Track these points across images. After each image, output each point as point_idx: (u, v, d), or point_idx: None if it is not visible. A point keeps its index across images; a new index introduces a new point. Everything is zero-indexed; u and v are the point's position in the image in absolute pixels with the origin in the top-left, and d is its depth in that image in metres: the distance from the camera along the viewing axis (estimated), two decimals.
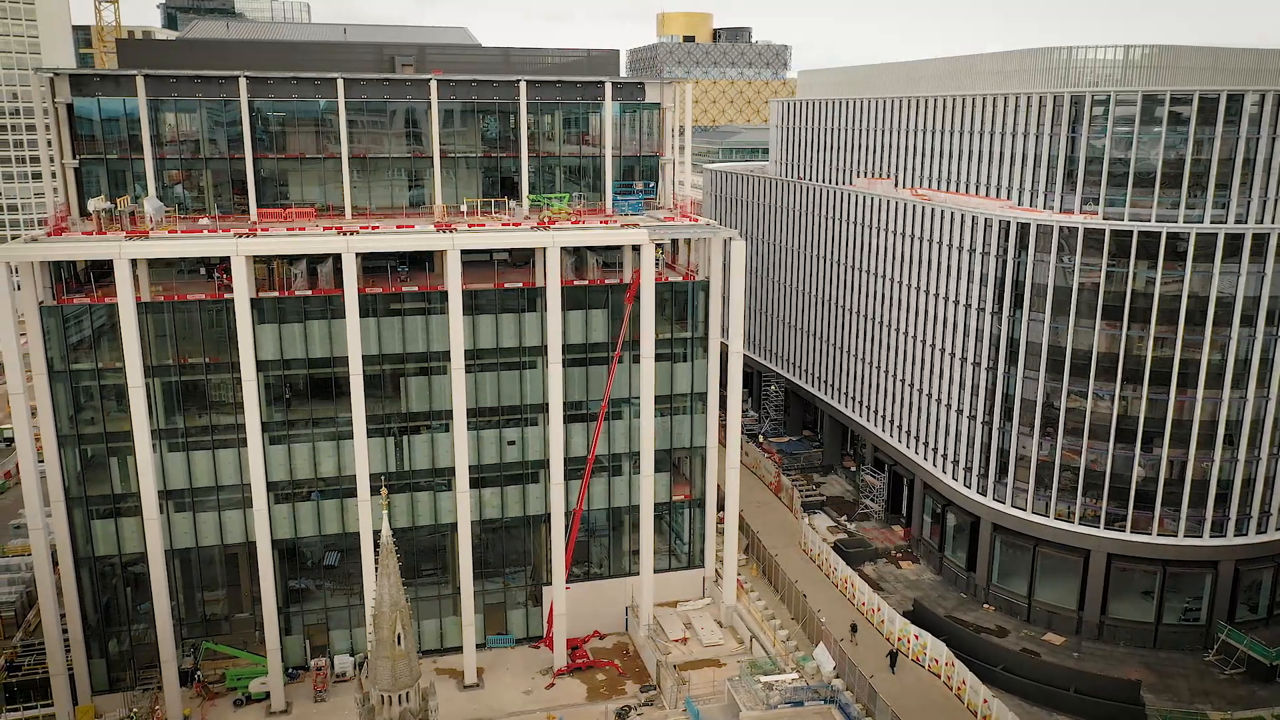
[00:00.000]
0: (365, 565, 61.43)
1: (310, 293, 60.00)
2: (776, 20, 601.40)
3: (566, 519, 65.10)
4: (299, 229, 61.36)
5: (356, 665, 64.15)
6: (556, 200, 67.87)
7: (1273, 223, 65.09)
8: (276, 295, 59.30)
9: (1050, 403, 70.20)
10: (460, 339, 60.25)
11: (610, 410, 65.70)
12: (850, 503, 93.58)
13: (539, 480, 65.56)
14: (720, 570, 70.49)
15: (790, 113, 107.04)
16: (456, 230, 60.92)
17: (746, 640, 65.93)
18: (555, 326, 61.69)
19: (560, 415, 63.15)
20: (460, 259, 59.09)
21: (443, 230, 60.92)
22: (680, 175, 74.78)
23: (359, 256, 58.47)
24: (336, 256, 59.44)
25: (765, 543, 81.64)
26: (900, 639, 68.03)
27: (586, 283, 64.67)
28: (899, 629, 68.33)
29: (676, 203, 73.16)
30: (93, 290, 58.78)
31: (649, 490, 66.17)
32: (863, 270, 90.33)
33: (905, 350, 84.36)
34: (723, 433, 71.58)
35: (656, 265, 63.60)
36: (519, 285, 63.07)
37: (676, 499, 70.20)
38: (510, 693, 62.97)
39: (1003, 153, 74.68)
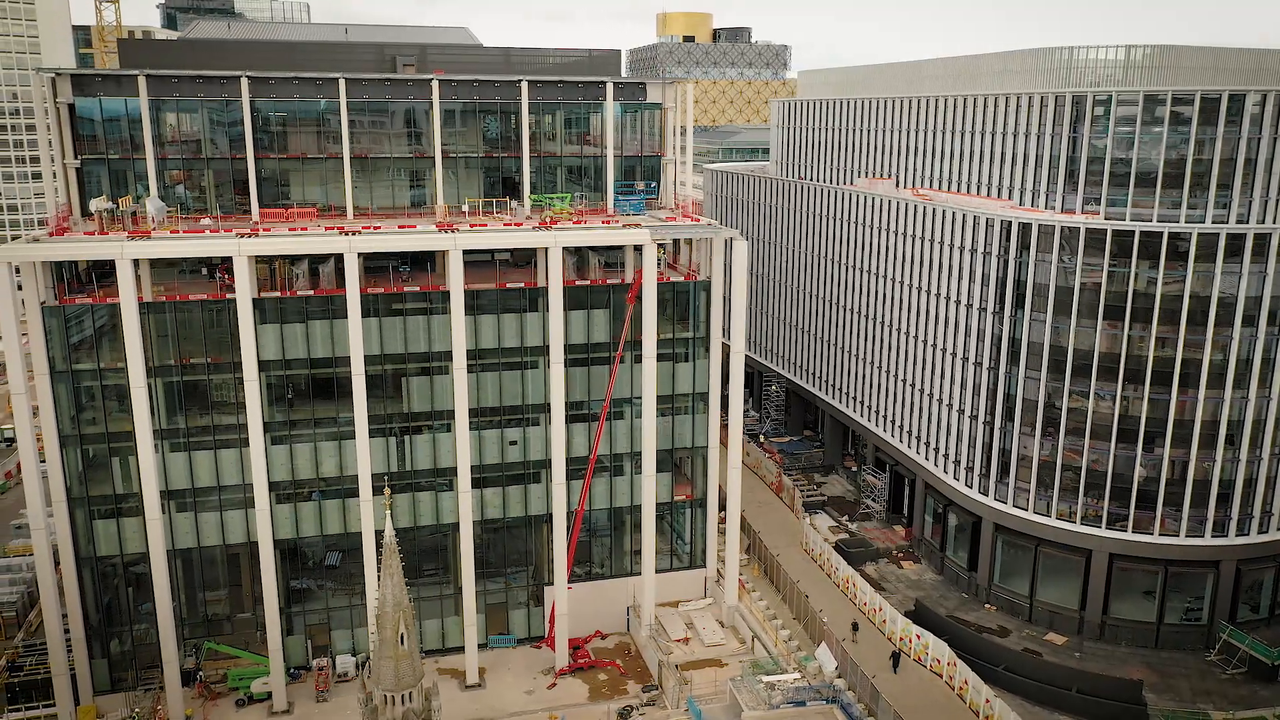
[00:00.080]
0: (367, 565, 61.47)
1: (312, 293, 60.01)
2: (776, 19, 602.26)
3: (568, 519, 65.08)
4: (301, 229, 61.40)
5: (358, 665, 64.12)
6: (558, 200, 67.86)
7: (1274, 223, 65.13)
8: (278, 295, 59.28)
9: (1052, 403, 70.23)
10: (462, 339, 60.26)
11: (612, 410, 65.69)
12: (851, 503, 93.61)
13: (541, 480, 65.60)
14: (722, 570, 70.50)
15: (791, 113, 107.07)
16: (458, 230, 60.92)
17: (748, 640, 65.93)
18: (557, 326, 61.69)
19: (562, 415, 63.13)
20: (462, 259, 59.13)
21: (445, 230, 60.92)
22: (682, 175, 74.78)
23: (361, 256, 58.46)
24: (338, 256, 59.35)
25: (767, 543, 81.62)
26: (902, 639, 68.04)
27: (588, 283, 64.67)
28: (901, 629, 68.33)
29: (678, 203, 73.17)
30: (94, 290, 58.79)
31: (651, 490, 66.17)
32: (864, 270, 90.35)
33: (907, 350, 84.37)
34: (724, 433, 71.59)
35: (658, 265, 63.61)
36: (521, 285, 63.08)
37: (678, 499, 70.24)
38: (512, 693, 62.99)
39: (1004, 153, 74.72)
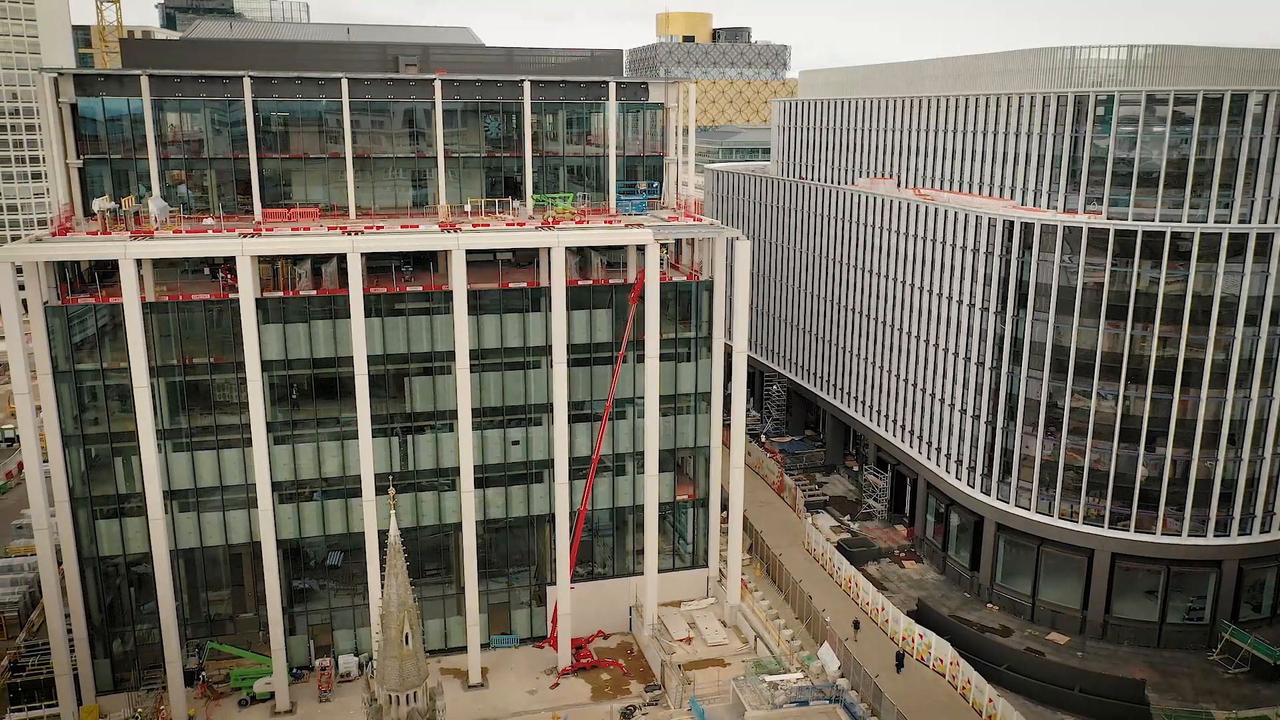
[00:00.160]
0: (370, 565, 61.41)
1: (315, 293, 59.95)
2: (776, 19, 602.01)
3: (571, 519, 65.05)
4: (304, 229, 61.36)
5: (361, 665, 64.13)
6: (560, 200, 67.82)
7: (1276, 222, 65.17)
8: (281, 295, 59.22)
9: (1054, 402, 70.24)
10: (465, 339, 60.23)
11: (614, 410, 65.67)
12: (853, 502, 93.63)
13: (543, 480, 65.57)
14: (724, 570, 70.51)
15: (792, 113, 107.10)
16: (461, 230, 60.88)
17: (751, 640, 65.91)
18: (560, 326, 61.64)
19: (564, 415, 63.07)
20: (465, 259, 59.09)
21: (447, 230, 60.89)
22: (684, 175, 74.75)
23: (364, 256, 58.44)
24: (341, 256, 59.35)
25: (769, 542, 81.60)
26: (905, 639, 68.06)
27: (591, 283, 64.62)
28: (903, 628, 68.36)
29: (680, 202, 73.14)
30: (97, 290, 58.75)
31: (653, 490, 66.14)
32: (865, 270, 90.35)
33: (908, 350, 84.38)
34: (726, 433, 71.55)
35: (661, 265, 63.56)
36: (523, 285, 63.05)
37: (680, 499, 70.21)
38: (515, 692, 62.96)
39: (1006, 153, 74.76)
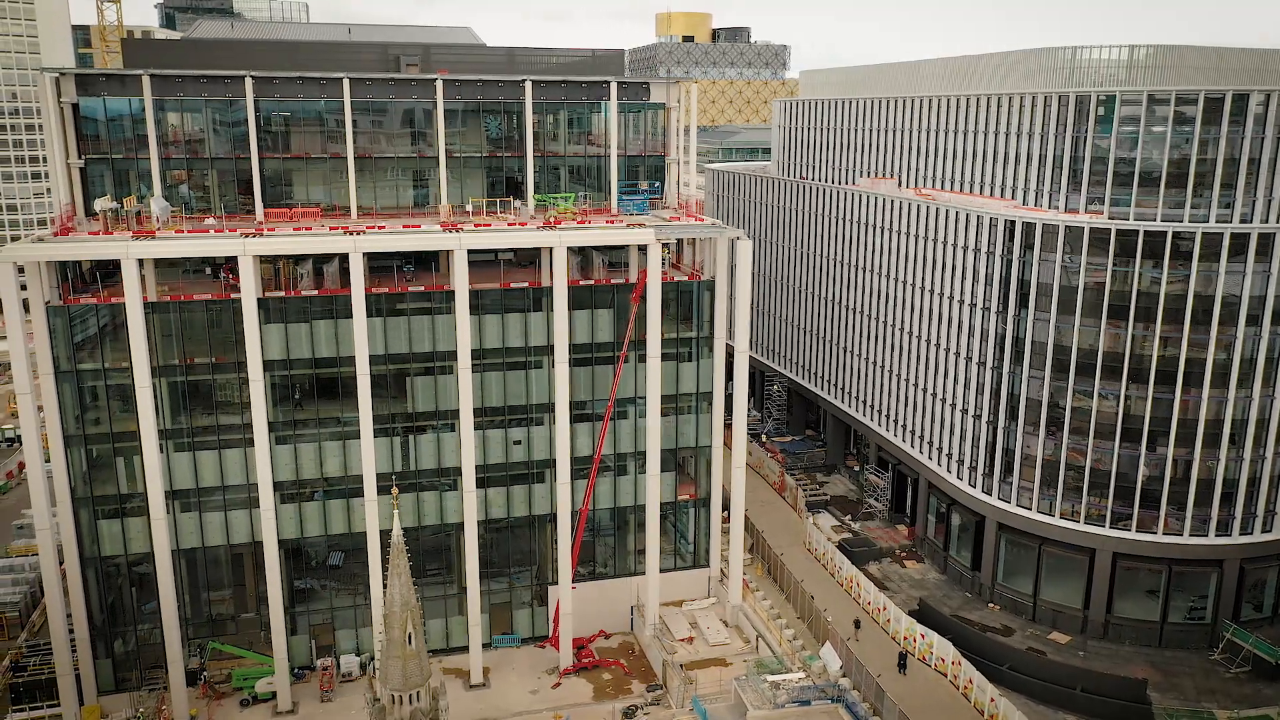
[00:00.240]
0: (371, 565, 61.40)
1: (316, 292, 59.92)
2: (776, 19, 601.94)
3: (572, 519, 65.04)
4: (305, 229, 61.33)
5: (362, 665, 64.14)
6: (562, 200, 67.83)
7: (1277, 222, 65.12)
8: (283, 295, 59.21)
9: (1055, 402, 70.26)
10: (467, 339, 60.19)
11: (616, 410, 65.66)
12: (854, 502, 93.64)
13: (545, 480, 65.56)
14: (726, 570, 70.50)
15: (793, 113, 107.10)
16: (463, 230, 60.85)
17: (752, 639, 65.90)
18: (561, 326, 61.60)
19: (566, 415, 63.04)
20: (467, 259, 59.07)
21: (449, 230, 60.85)
22: (685, 175, 74.72)
23: (366, 256, 58.41)
24: (342, 256, 59.34)
25: (770, 542, 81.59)
26: (906, 638, 68.07)
27: (592, 282, 64.59)
28: (905, 628, 68.37)
29: (681, 202, 73.13)
30: (99, 290, 58.72)
31: (654, 490, 66.12)
32: (866, 270, 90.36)
33: (909, 349, 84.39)
34: (727, 433, 71.53)
35: (662, 265, 63.54)
36: (525, 285, 63.04)
37: (681, 498, 70.20)
38: (516, 692, 62.97)
39: (1007, 152, 74.76)
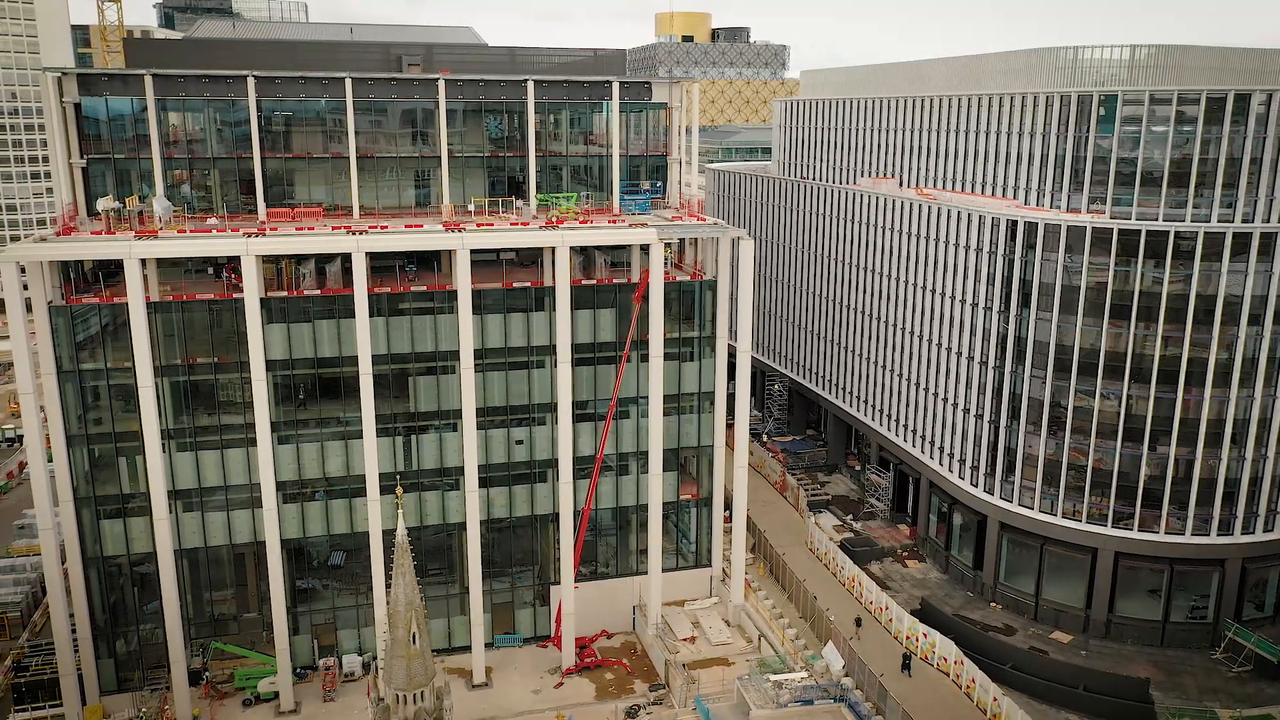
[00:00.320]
0: (374, 565, 61.38)
1: (319, 292, 59.90)
2: (775, 19, 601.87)
3: (574, 518, 65.01)
4: (307, 229, 61.31)
5: (365, 665, 64.11)
6: (564, 200, 67.81)
7: (1279, 222, 65.23)
8: (285, 295, 59.18)
9: (1057, 401, 70.30)
10: (469, 338, 60.15)
11: (618, 410, 65.65)
12: (855, 502, 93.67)
13: (547, 480, 65.54)
14: (728, 569, 70.49)
15: (793, 112, 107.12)
16: (465, 230, 60.84)
17: (755, 639, 65.89)
18: (564, 326, 61.58)
19: (568, 415, 63.02)
20: (469, 258, 59.05)
21: (452, 230, 60.84)
22: (687, 175, 74.71)
23: (368, 256, 58.40)
24: (345, 256, 59.31)
25: (772, 542, 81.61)
26: (909, 637, 68.09)
27: (594, 282, 64.56)
28: (907, 627, 68.39)
29: (683, 202, 73.13)
30: (101, 290, 58.66)
31: (657, 490, 66.07)
32: (868, 269, 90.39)
33: (911, 349, 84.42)
34: (729, 433, 71.48)
35: (664, 264, 63.52)
36: (527, 285, 63.03)
37: (683, 498, 70.18)
38: (519, 692, 62.97)
39: (1009, 152, 74.81)
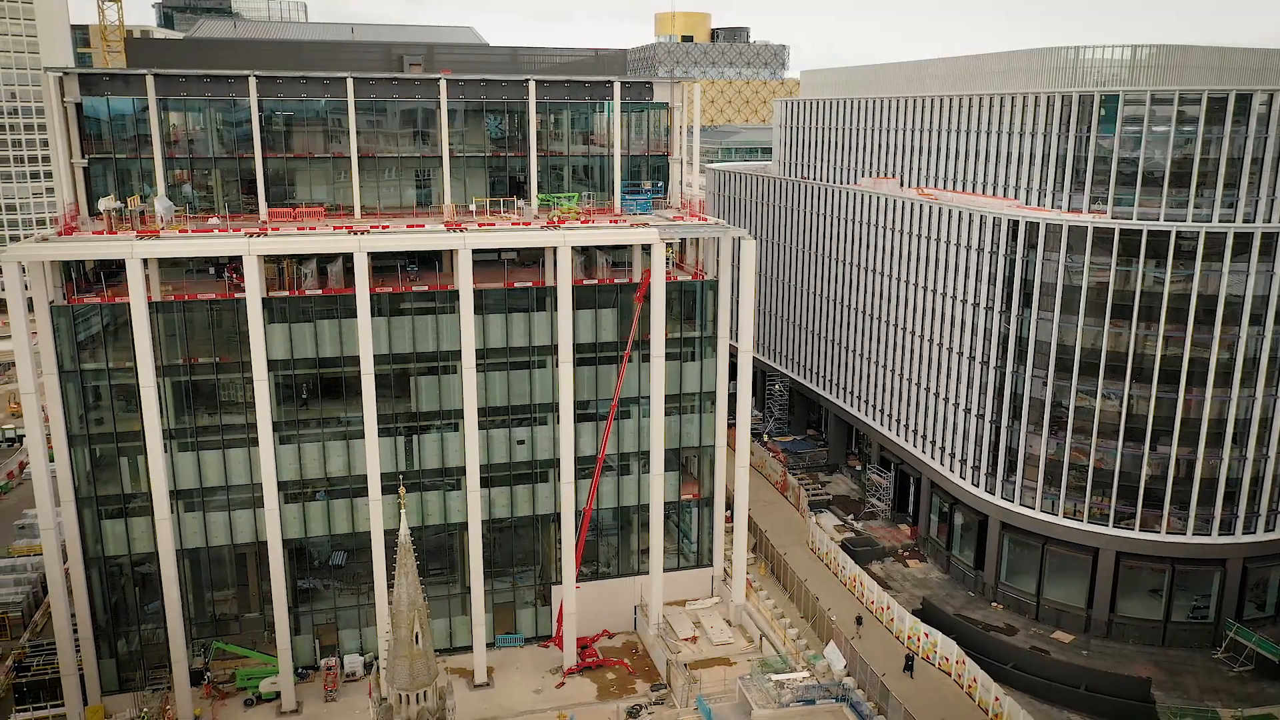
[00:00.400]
0: (375, 565, 61.37)
1: (321, 292, 59.87)
2: (775, 19, 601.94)
3: (576, 518, 65.02)
4: (309, 228, 61.30)
5: (366, 665, 64.10)
6: (565, 200, 67.79)
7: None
8: (287, 295, 59.17)
9: (1058, 401, 70.31)
10: (471, 338, 60.12)
11: (619, 410, 65.64)
12: (856, 501, 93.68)
13: (548, 480, 65.53)
14: (729, 569, 70.48)
15: (794, 112, 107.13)
16: (467, 230, 60.83)
17: (756, 639, 65.91)
18: (565, 326, 61.56)
19: (570, 414, 63.00)
20: (471, 258, 59.05)
21: (453, 230, 60.83)
22: (688, 175, 74.73)
23: (370, 256, 58.38)
24: (346, 256, 59.31)
25: (773, 541, 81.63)
26: (910, 637, 68.10)
27: (596, 282, 64.56)
28: (909, 627, 68.40)
29: (684, 202, 73.13)
30: (103, 290, 58.63)
31: (658, 489, 66.06)
32: (869, 269, 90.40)
33: (912, 349, 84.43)
34: (730, 433, 71.47)
35: (666, 264, 63.52)
36: (529, 285, 63.02)
37: (685, 498, 70.18)
38: (520, 691, 62.96)
39: (1010, 152, 74.81)
